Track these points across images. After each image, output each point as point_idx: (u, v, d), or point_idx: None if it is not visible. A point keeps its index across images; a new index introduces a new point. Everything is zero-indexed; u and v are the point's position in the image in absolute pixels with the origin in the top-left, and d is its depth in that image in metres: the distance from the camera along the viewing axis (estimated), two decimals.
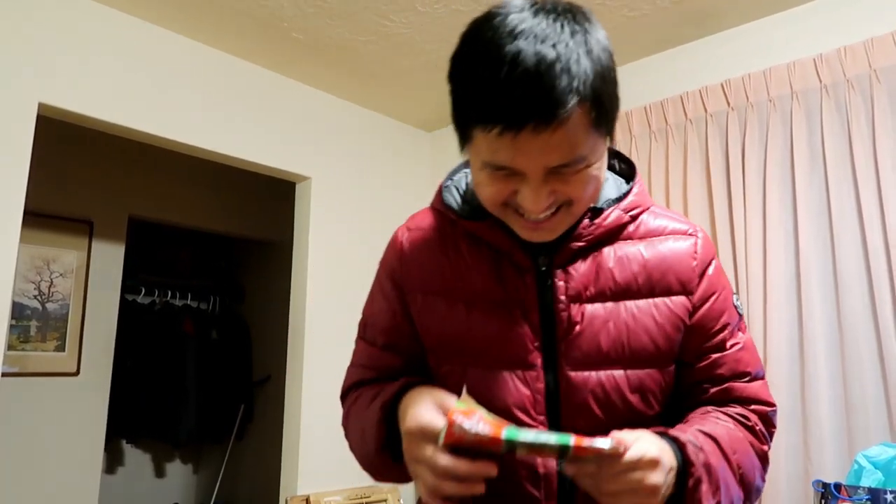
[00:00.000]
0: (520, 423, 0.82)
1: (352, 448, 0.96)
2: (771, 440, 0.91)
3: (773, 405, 0.92)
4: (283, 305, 4.31)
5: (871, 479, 1.40)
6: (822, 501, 1.41)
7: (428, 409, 0.75)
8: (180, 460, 4.68)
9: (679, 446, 0.77)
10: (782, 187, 2.30)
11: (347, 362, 3.37)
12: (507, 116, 0.71)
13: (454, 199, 0.95)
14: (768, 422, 0.90)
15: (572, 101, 0.70)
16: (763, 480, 0.88)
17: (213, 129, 2.75)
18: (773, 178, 2.30)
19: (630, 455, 0.70)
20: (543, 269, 0.87)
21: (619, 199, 0.90)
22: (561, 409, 0.84)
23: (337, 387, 3.16)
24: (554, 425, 0.84)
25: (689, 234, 0.91)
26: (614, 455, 0.69)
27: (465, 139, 0.81)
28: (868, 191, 2.10)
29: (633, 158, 2.64)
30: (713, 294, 0.90)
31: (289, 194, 3.95)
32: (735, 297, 0.94)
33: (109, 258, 3.71)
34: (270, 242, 4.51)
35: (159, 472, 4.58)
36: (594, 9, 2.45)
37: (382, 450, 0.83)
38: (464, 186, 0.96)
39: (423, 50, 2.81)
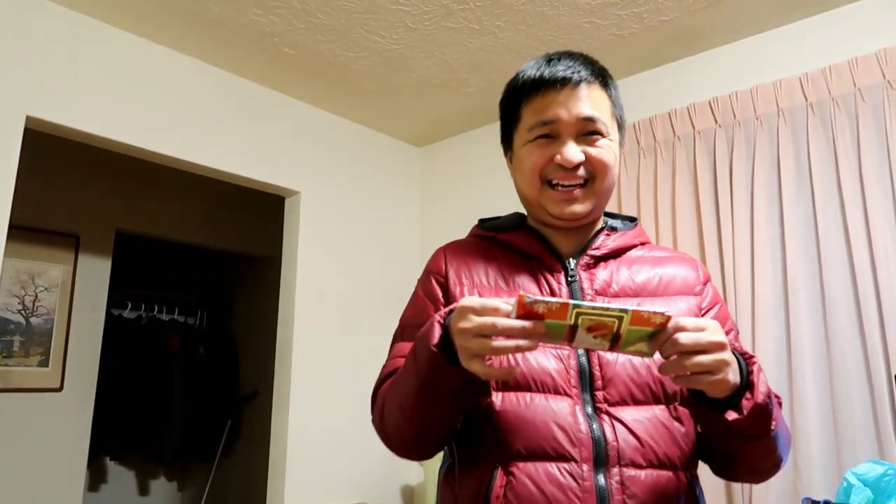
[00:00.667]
0: (555, 390, 0.92)
1: (389, 420, 0.97)
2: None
3: (778, 397, 0.96)
4: (271, 321, 4.28)
5: (860, 497, 1.40)
6: None
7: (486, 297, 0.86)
8: (165, 477, 4.61)
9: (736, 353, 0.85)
10: (769, 204, 2.31)
11: (336, 378, 3.32)
12: (552, 81, 1.00)
13: (489, 225, 1.13)
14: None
15: (597, 79, 1.02)
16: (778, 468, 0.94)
17: (202, 142, 2.75)
18: (761, 194, 2.31)
19: (687, 320, 0.78)
20: (572, 269, 1.02)
21: (628, 229, 1.11)
22: (592, 382, 0.93)
23: (324, 403, 3.14)
24: (587, 395, 0.92)
25: (689, 259, 1.10)
26: (666, 324, 0.76)
27: (511, 125, 1.07)
28: (854, 208, 2.11)
29: (622, 174, 2.65)
30: (717, 303, 1.06)
31: (278, 209, 3.94)
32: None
33: (95, 272, 3.68)
34: (259, 257, 4.49)
35: (143, 490, 4.51)
36: (583, 27, 2.49)
37: (440, 346, 0.82)
38: (496, 219, 1.15)
39: (414, 66, 2.82)
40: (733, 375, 0.79)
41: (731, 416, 0.80)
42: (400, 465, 3.30)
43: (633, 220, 1.15)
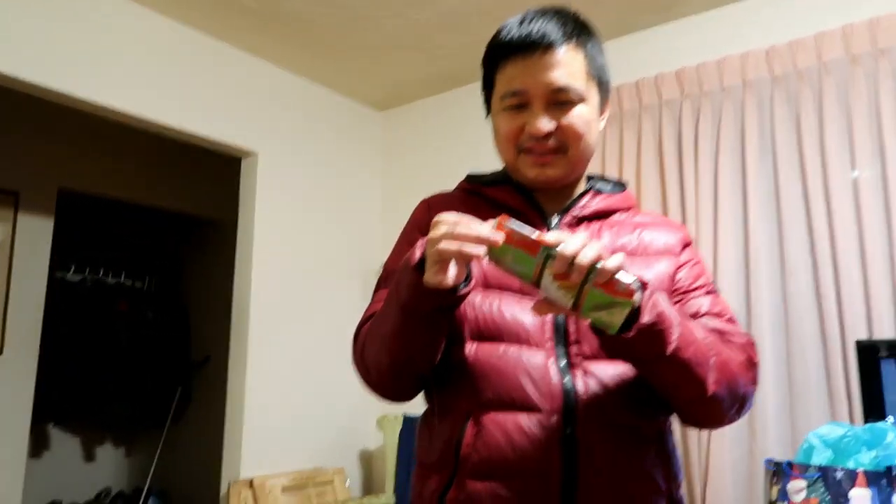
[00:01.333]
0: (528, 342, 0.93)
1: (370, 355, 0.97)
2: (755, 370, 0.97)
3: (750, 338, 1.00)
4: (224, 285, 4.18)
5: (821, 457, 1.46)
6: (774, 479, 1.45)
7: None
8: (112, 444, 4.49)
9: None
10: (733, 174, 2.35)
11: (294, 342, 3.28)
12: (520, 47, 0.98)
13: (475, 178, 1.12)
14: (748, 349, 0.97)
15: (569, 41, 0.98)
16: (750, 388, 0.94)
17: (154, 97, 2.62)
18: (725, 165, 2.35)
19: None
20: (554, 226, 1.03)
21: (614, 193, 1.11)
22: (567, 336, 0.94)
23: (282, 367, 3.10)
24: (561, 348, 0.93)
25: (674, 224, 1.12)
26: (630, 296, 0.77)
27: (489, 88, 1.05)
28: (815, 179, 2.17)
29: None
30: (694, 261, 1.07)
31: (233, 171, 3.80)
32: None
33: (37, 232, 3.50)
34: (212, 220, 4.35)
35: (89, 457, 4.38)
36: None
37: (416, 268, 0.84)
38: (482, 173, 1.14)
39: (382, 25, 2.74)
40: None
41: (623, 337, 0.81)
42: (358, 430, 3.29)
43: (622, 185, 1.15)
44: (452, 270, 0.80)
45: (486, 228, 0.78)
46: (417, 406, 3.03)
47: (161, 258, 4.62)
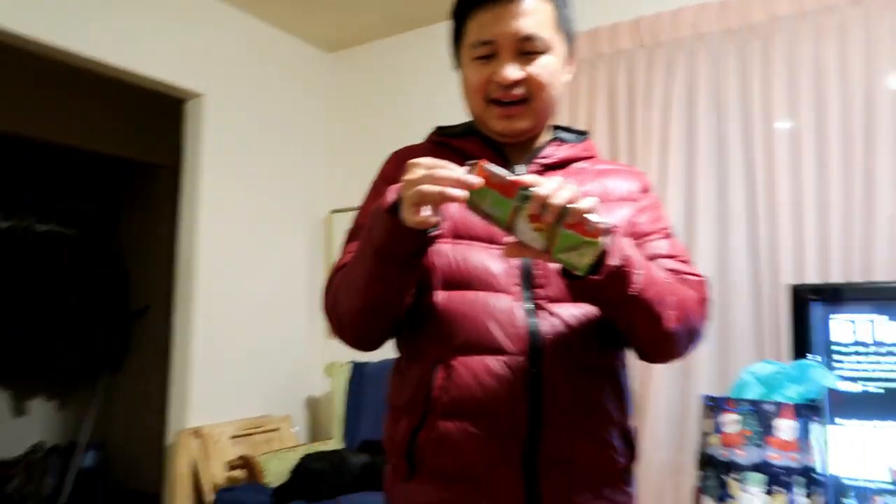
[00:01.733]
0: (496, 288, 0.96)
1: (342, 302, 0.99)
2: (707, 307, 1.03)
3: (704, 277, 1.05)
4: (164, 232, 4.08)
5: (754, 392, 1.56)
6: (710, 413, 1.54)
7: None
8: (44, 397, 4.36)
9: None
10: (682, 125, 2.42)
11: (242, 290, 3.25)
12: None
13: (443, 131, 1.14)
14: (702, 288, 1.03)
15: None
16: (701, 322, 1.00)
17: (91, 34, 2.48)
18: (674, 115, 2.42)
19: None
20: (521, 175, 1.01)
21: (577, 142, 1.14)
22: (533, 280, 0.97)
23: (229, 315, 3.06)
24: (527, 292, 0.96)
25: (634, 171, 1.16)
26: (597, 236, 0.81)
27: (458, 39, 1.08)
28: (758, 131, 2.26)
29: None
30: (654, 205, 1.11)
31: (175, 113, 3.66)
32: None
33: None
34: (151, 165, 4.20)
35: (19, 410, 4.25)
36: None
37: (389, 211, 0.86)
38: (450, 126, 1.16)
39: None
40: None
41: (591, 279, 0.85)
42: (305, 378, 3.31)
43: (584, 133, 1.18)
44: (427, 212, 0.83)
45: (463, 171, 0.81)
46: (366, 354, 3.07)
47: (96, 204, 4.44)
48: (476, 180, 0.80)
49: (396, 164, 1.08)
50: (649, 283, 0.89)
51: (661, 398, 2.32)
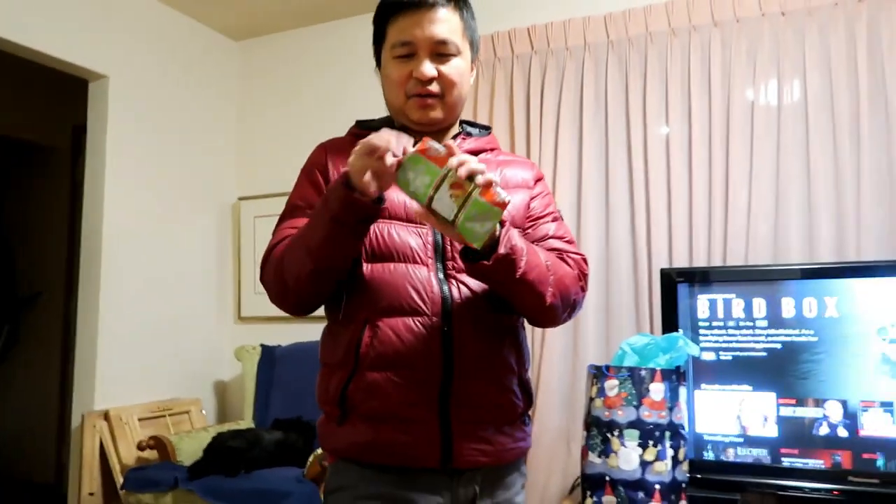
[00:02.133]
0: (415, 260, 1.13)
1: (289, 270, 1.10)
2: (586, 281, 1.24)
3: (582, 255, 1.27)
4: (54, 216, 3.94)
5: (630, 361, 1.78)
6: (595, 380, 1.76)
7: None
8: None
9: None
10: (571, 126, 2.67)
11: (148, 273, 3.25)
12: (410, 4, 1.16)
13: (364, 124, 1.28)
14: (580, 264, 1.24)
15: (449, 3, 1.17)
16: (578, 294, 1.20)
17: None
18: (565, 116, 2.66)
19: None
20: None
21: (481, 136, 1.31)
22: (444, 253, 1.15)
23: (137, 298, 3.05)
24: (440, 263, 1.14)
25: (529, 163, 1.36)
26: (503, 207, 0.98)
27: (380, 42, 1.23)
28: (636, 133, 2.55)
29: None
30: (544, 192, 1.31)
31: (65, 93, 3.55)
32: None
33: None
34: (37, 145, 4.01)
35: None
36: None
37: (346, 185, 1.00)
38: (369, 121, 1.29)
39: None
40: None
41: (484, 264, 1.03)
42: (213, 361, 3.33)
43: (487, 128, 1.35)
44: (374, 185, 0.98)
45: (408, 140, 1.00)
46: (276, 337, 3.22)
47: None
48: (406, 140, 0.98)
49: (323, 153, 1.24)
50: (531, 267, 1.06)
51: (553, 369, 2.57)
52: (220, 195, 3.43)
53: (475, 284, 1.14)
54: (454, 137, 1.26)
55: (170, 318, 3.09)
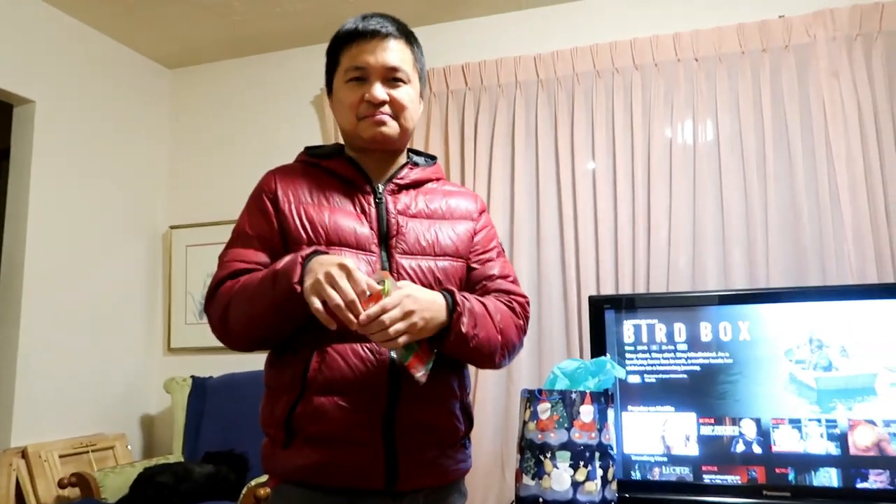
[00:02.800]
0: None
1: (235, 317, 1.15)
2: (527, 322, 1.33)
3: (526, 298, 1.34)
4: None
5: (561, 385, 1.85)
6: (528, 404, 1.81)
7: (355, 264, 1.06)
8: None
9: (451, 294, 1.14)
10: (504, 159, 2.78)
11: (72, 304, 3.16)
12: (364, 33, 1.23)
13: (313, 153, 1.32)
14: (524, 308, 1.32)
15: (401, 36, 1.25)
16: (519, 340, 1.29)
17: None
18: (497, 150, 2.77)
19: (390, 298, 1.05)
20: (380, 193, 1.25)
21: (427, 166, 1.35)
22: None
23: (58, 331, 2.95)
24: None
25: (472, 194, 1.39)
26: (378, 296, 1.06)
27: (333, 70, 1.28)
28: (565, 168, 2.68)
29: None
30: (488, 226, 1.36)
31: None
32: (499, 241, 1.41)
33: None
34: None
35: None
36: None
37: (296, 284, 1.05)
38: (318, 147, 1.34)
39: None
40: (431, 322, 1.09)
41: (443, 345, 1.12)
42: (140, 395, 3.23)
43: (433, 158, 1.40)
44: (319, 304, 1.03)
45: (364, 280, 1.04)
46: (207, 368, 3.18)
47: None
48: (366, 315, 1.02)
49: (273, 180, 1.25)
50: (481, 341, 1.15)
51: (488, 394, 2.63)
52: (150, 224, 3.36)
53: None
54: (402, 167, 1.29)
55: (95, 350, 2.98)
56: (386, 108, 1.22)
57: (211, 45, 3.28)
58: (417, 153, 1.38)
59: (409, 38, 1.27)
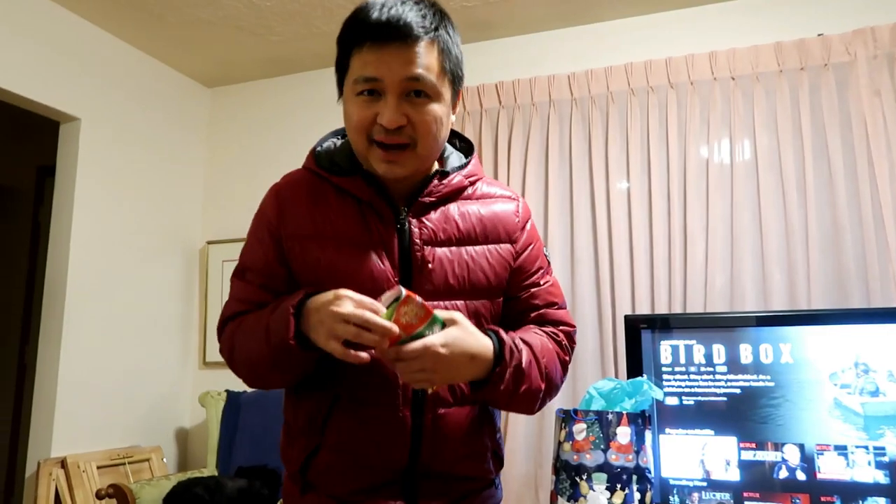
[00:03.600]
0: None
1: (240, 362, 1.07)
2: (572, 353, 1.19)
3: (574, 326, 1.19)
4: (12, 258, 3.85)
5: (597, 405, 1.83)
6: (563, 424, 1.79)
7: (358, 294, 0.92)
8: None
9: (499, 339, 1.01)
10: (537, 178, 2.78)
11: (111, 319, 3.21)
12: (375, 34, 0.96)
13: (325, 160, 1.11)
14: (571, 339, 1.18)
15: (425, 34, 0.98)
16: (562, 381, 1.15)
17: None
18: (531, 169, 2.77)
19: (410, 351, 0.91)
20: (402, 217, 1.05)
21: (461, 167, 1.12)
22: None
23: (99, 343, 3.00)
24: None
25: (513, 199, 1.17)
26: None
27: (343, 71, 1.04)
28: (599, 186, 2.67)
29: None
30: (531, 244, 1.15)
31: (30, 133, 3.53)
32: (545, 248, 1.22)
33: None
34: None
35: None
36: None
37: (294, 338, 0.94)
38: (332, 149, 1.13)
39: (222, 4, 2.77)
40: (457, 379, 0.98)
41: (482, 394, 0.99)
42: (175, 408, 3.27)
43: (469, 147, 1.18)
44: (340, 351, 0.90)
45: (383, 311, 0.89)
46: (239, 383, 3.20)
47: None
48: (391, 328, 0.88)
49: (275, 204, 1.08)
50: (522, 384, 1.01)
51: (520, 417, 2.60)
52: (187, 239, 3.42)
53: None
54: (430, 179, 1.08)
55: (132, 364, 3.03)
56: (404, 136, 0.99)
57: (248, 64, 3.34)
58: (451, 141, 1.18)
59: (438, 32, 1.00)
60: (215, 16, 2.86)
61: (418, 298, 0.90)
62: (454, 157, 1.15)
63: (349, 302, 0.89)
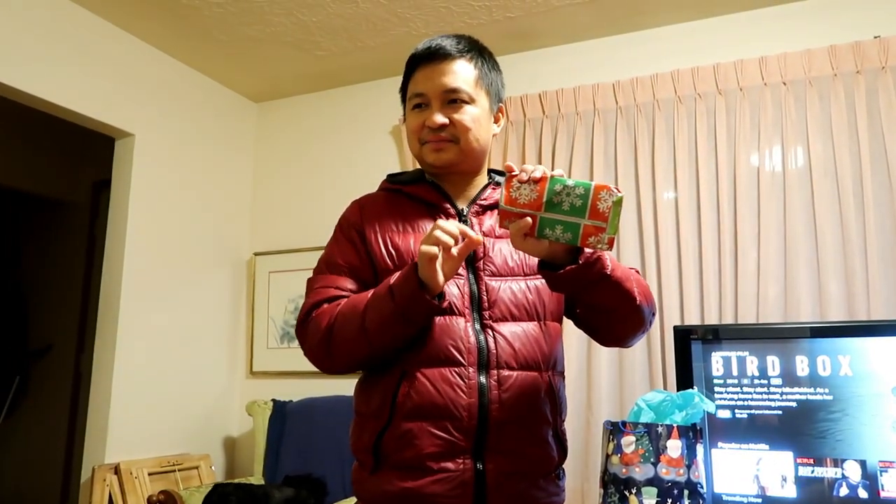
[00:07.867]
0: (452, 311, 1.15)
1: (340, 338, 1.14)
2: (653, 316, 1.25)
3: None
4: (70, 270, 3.99)
5: (647, 417, 1.79)
6: (611, 437, 1.77)
7: None
8: None
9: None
10: None
11: (163, 329, 3.29)
12: (422, 60, 1.25)
13: (395, 179, 1.34)
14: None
15: (461, 55, 1.24)
16: (654, 308, 1.24)
17: (22, 67, 2.51)
18: (576, 177, 2.73)
19: None
20: (465, 215, 1.25)
21: None
22: (481, 304, 1.17)
23: (151, 352, 3.07)
24: (476, 314, 1.16)
25: None
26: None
27: (405, 91, 1.30)
28: (646, 195, 2.63)
29: None
30: None
31: (85, 149, 3.65)
32: None
33: None
34: (55, 200, 4.10)
35: None
36: (440, 11, 2.72)
37: (418, 284, 1.06)
38: (400, 173, 1.35)
39: (270, 22, 2.84)
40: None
41: (570, 268, 1.05)
42: (223, 416, 3.32)
43: None
44: (441, 278, 1.06)
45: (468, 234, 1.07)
46: (287, 391, 3.24)
47: None
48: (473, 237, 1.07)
49: (358, 211, 1.28)
50: (616, 265, 1.09)
51: (567, 430, 2.55)
52: (235, 250, 3.49)
53: (510, 334, 1.16)
54: (484, 188, 1.29)
55: (182, 373, 3.10)
56: (447, 133, 1.22)
57: (294, 79, 3.41)
58: (499, 173, 1.36)
59: (473, 55, 1.25)
60: (263, 32, 2.93)
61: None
62: (503, 181, 1.28)
63: (439, 228, 1.06)
